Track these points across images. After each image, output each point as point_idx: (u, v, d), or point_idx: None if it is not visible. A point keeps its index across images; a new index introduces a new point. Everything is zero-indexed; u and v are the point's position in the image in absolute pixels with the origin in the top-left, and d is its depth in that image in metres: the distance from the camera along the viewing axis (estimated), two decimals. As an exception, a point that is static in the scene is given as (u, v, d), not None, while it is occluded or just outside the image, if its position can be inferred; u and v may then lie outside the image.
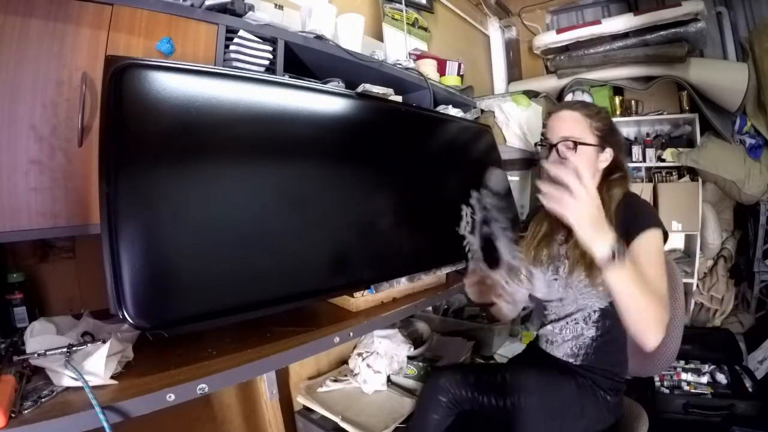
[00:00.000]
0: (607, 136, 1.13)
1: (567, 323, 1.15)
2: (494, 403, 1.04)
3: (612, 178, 1.14)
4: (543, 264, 1.18)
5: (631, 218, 1.04)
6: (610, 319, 1.09)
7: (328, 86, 1.24)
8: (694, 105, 2.49)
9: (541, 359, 1.19)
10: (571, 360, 1.13)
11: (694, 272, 2.50)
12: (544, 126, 1.20)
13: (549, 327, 1.21)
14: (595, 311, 1.11)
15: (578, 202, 0.80)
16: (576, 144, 1.09)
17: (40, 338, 0.78)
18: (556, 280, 1.16)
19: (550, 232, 1.19)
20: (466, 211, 1.05)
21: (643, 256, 0.98)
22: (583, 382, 1.06)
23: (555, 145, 1.11)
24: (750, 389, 1.85)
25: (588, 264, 1.03)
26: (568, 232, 1.14)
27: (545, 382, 1.03)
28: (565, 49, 2.82)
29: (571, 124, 1.12)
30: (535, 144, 1.97)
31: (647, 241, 1.01)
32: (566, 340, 1.16)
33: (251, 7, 1.11)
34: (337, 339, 0.98)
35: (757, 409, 1.74)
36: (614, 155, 1.14)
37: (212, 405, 1.33)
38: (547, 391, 1.02)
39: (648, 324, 0.88)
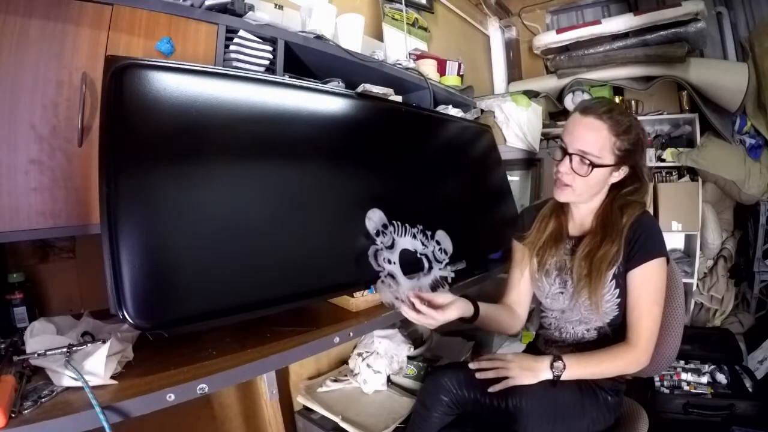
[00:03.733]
0: (629, 155, 1.04)
1: (566, 328, 1.16)
2: (495, 404, 1.04)
3: (626, 191, 1.09)
4: (549, 274, 1.17)
5: (638, 243, 1.03)
6: (611, 326, 1.10)
7: (328, 86, 1.24)
8: (694, 105, 2.49)
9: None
10: (571, 360, 1.13)
11: (694, 272, 2.50)
12: (561, 122, 1.12)
13: (548, 330, 1.21)
14: (596, 323, 1.11)
15: (512, 371, 1.03)
16: (592, 165, 1.01)
17: (40, 338, 0.78)
18: (562, 293, 1.15)
19: (558, 235, 1.16)
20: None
21: (640, 287, 1.03)
22: (583, 383, 1.06)
23: (570, 155, 1.04)
24: (750, 389, 1.85)
25: (592, 287, 1.04)
26: (575, 241, 1.14)
27: (546, 382, 1.02)
28: (565, 49, 2.82)
29: (592, 137, 1.02)
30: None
31: (650, 272, 1.03)
32: (567, 344, 1.16)
33: (251, 7, 1.11)
34: (337, 339, 0.98)
35: (757, 409, 1.74)
36: (632, 168, 1.07)
37: (212, 405, 1.33)
38: (548, 392, 1.02)
39: (620, 370, 1.04)
